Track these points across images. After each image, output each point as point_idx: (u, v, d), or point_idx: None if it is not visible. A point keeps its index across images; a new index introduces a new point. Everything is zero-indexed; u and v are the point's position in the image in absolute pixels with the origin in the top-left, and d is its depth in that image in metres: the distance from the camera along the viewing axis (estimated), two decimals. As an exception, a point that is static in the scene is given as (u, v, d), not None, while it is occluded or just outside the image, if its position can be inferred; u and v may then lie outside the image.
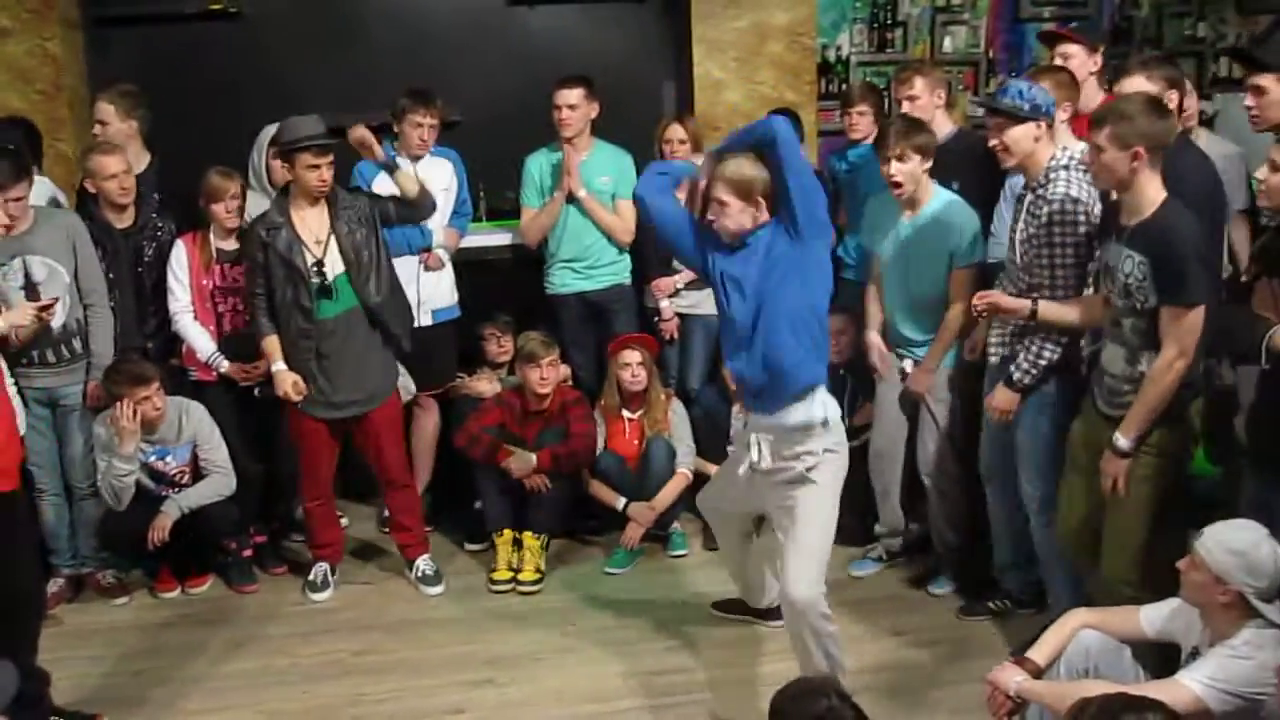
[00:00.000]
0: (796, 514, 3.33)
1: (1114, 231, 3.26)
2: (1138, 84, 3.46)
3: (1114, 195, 3.28)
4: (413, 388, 4.84)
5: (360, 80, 5.49)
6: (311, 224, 4.23)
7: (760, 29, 5.70)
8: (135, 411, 4.22)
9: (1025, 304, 3.53)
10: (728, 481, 3.72)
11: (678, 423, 4.89)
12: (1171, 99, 3.51)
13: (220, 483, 4.47)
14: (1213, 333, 3.16)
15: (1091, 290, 3.50)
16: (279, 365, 4.24)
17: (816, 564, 3.32)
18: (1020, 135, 3.53)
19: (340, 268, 4.23)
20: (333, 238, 4.23)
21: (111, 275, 4.40)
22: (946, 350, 4.10)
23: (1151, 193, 3.15)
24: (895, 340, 4.27)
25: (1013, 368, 3.66)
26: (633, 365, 4.78)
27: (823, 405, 3.31)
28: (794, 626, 3.36)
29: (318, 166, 4.13)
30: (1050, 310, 3.51)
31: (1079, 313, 3.50)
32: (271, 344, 4.26)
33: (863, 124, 4.84)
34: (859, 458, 4.68)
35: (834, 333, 4.68)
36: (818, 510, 3.34)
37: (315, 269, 4.19)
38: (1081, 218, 3.46)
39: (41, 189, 4.42)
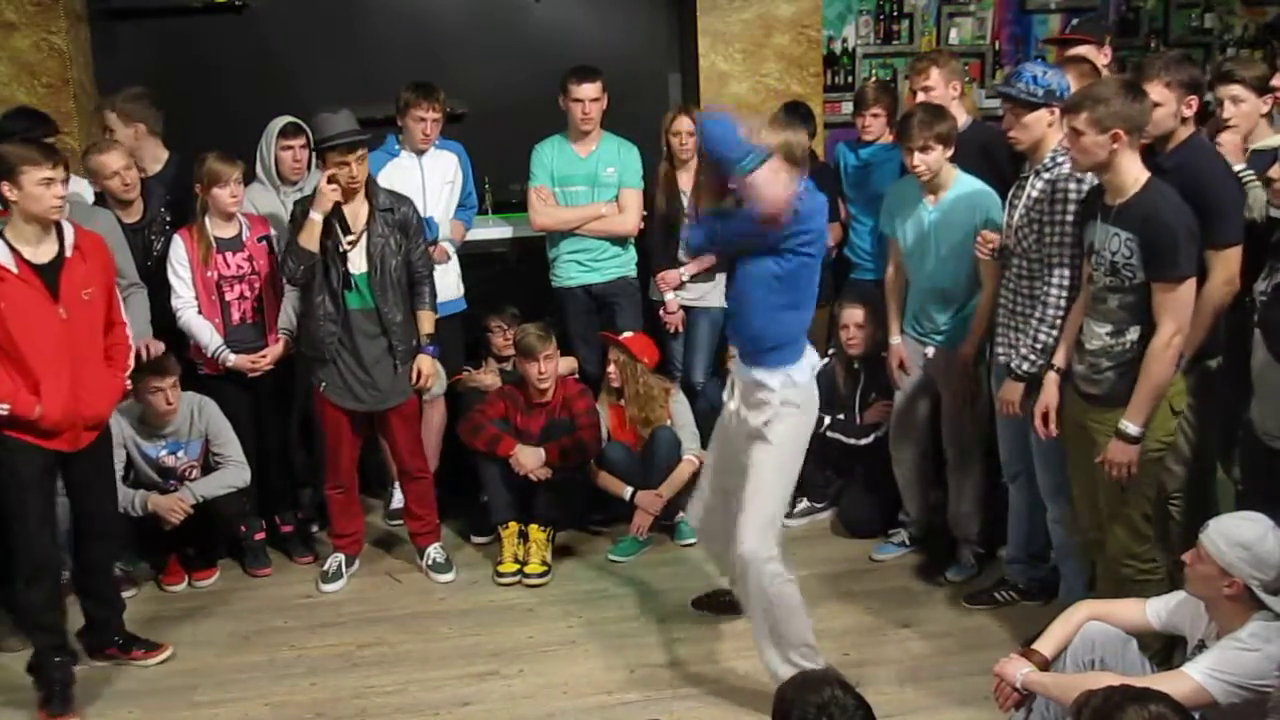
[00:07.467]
0: (749, 471, 3.44)
1: (1099, 212, 3.28)
2: (1156, 91, 3.37)
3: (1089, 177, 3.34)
4: (440, 388, 4.88)
5: (365, 73, 5.49)
6: (349, 215, 4.26)
7: (766, 21, 5.69)
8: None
9: (1054, 382, 3.53)
10: (716, 440, 3.81)
11: (681, 411, 4.89)
12: (1190, 104, 3.48)
13: (235, 474, 4.48)
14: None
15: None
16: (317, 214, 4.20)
17: (766, 519, 3.42)
18: (1032, 121, 3.58)
19: (363, 268, 4.25)
20: (364, 235, 4.25)
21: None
22: (982, 338, 4.04)
23: (1135, 172, 3.19)
24: (918, 326, 4.26)
25: (1013, 357, 3.67)
26: (611, 363, 4.84)
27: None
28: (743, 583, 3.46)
29: (346, 164, 4.14)
30: (1067, 341, 3.53)
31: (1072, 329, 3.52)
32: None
33: (875, 126, 4.86)
34: (871, 453, 4.72)
35: (851, 327, 4.71)
36: (768, 467, 3.44)
37: (341, 258, 4.22)
38: (1075, 195, 3.48)
39: (73, 186, 4.40)
